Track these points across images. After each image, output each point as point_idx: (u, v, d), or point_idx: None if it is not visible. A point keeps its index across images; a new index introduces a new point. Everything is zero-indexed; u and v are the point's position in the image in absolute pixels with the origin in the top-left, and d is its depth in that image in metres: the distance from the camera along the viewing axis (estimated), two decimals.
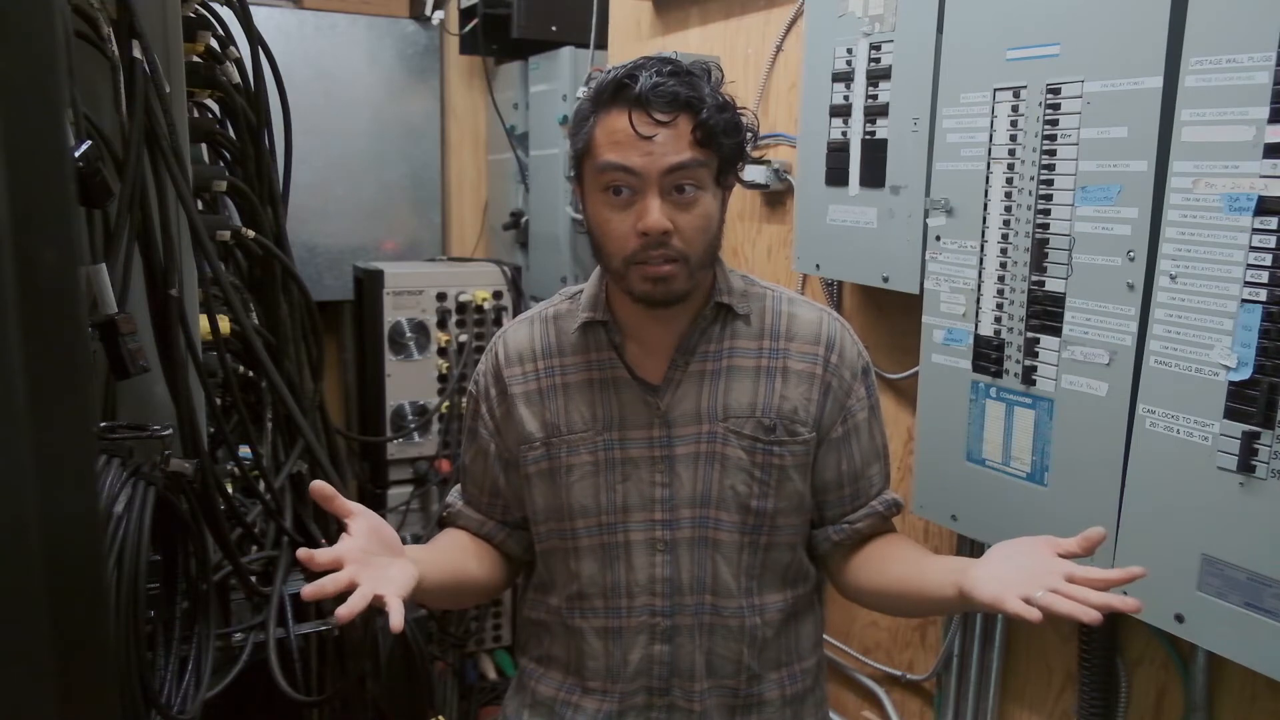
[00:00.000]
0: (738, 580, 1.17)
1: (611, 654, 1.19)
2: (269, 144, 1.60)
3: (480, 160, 3.25)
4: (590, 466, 1.17)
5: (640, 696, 1.19)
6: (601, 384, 1.18)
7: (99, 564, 0.86)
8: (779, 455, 1.16)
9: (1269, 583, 1.01)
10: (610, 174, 1.07)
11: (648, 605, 1.17)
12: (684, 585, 1.16)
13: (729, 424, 1.15)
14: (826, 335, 1.19)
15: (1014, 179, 1.28)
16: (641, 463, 1.16)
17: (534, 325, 1.24)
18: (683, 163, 1.06)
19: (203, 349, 1.31)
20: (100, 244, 1.10)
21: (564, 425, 1.18)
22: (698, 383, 1.17)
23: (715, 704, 1.19)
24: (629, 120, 1.05)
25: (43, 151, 0.63)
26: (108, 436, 1.07)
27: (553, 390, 1.19)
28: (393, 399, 2.73)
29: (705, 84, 1.09)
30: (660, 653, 1.18)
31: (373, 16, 2.99)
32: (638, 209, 1.07)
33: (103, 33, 1.08)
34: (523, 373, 1.21)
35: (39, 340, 0.62)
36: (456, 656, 2.77)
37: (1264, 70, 0.98)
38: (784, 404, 1.16)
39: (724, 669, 1.18)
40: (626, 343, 1.19)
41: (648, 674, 1.18)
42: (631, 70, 1.07)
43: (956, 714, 1.61)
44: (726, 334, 1.18)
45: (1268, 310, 1.00)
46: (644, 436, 1.16)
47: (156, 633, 1.12)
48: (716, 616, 1.17)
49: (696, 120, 1.06)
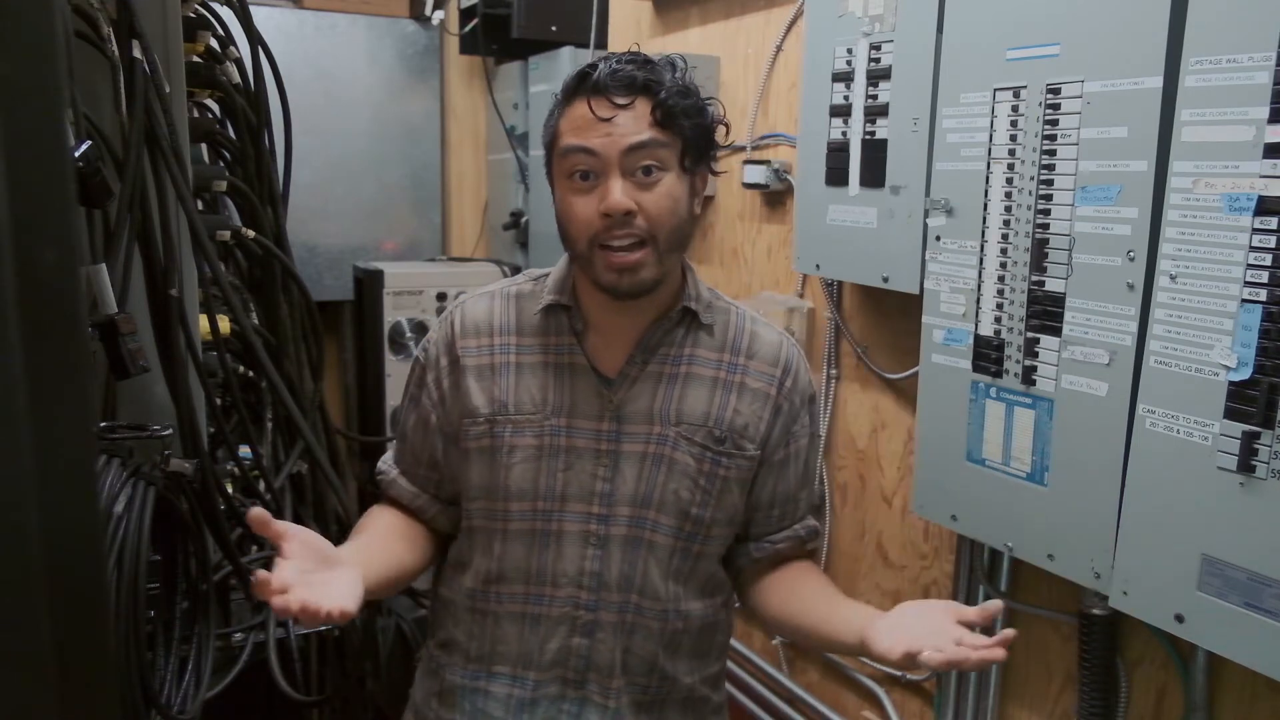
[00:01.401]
0: (665, 583, 1.17)
1: (527, 640, 1.18)
2: (269, 144, 1.60)
3: (480, 160, 3.25)
4: (534, 450, 1.16)
5: (554, 686, 1.18)
6: (557, 369, 1.18)
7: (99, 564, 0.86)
8: (725, 467, 1.16)
9: (1269, 583, 1.01)
10: (572, 157, 1.08)
11: (572, 597, 1.16)
12: (611, 581, 1.16)
13: (681, 429, 1.15)
14: (785, 359, 1.20)
15: (1014, 179, 1.28)
16: (586, 454, 1.16)
17: (494, 300, 1.23)
18: (642, 142, 1.07)
19: (203, 349, 1.31)
20: (100, 244, 1.10)
21: (511, 404, 1.17)
22: (654, 383, 1.17)
23: (628, 701, 1.19)
24: (589, 106, 1.07)
25: (43, 151, 0.63)
26: (108, 436, 1.07)
27: (505, 367, 1.18)
28: (393, 399, 2.73)
29: (668, 72, 1.10)
30: (579, 645, 1.17)
31: (373, 16, 2.99)
32: (600, 190, 1.07)
33: (103, 33, 1.08)
34: (477, 345, 1.20)
35: (39, 340, 0.62)
36: None
37: (1264, 70, 0.98)
38: (736, 418, 1.16)
39: (639, 667, 1.18)
40: (588, 332, 1.18)
41: (564, 665, 1.18)
42: (593, 62, 1.10)
43: (956, 714, 1.61)
44: (689, 340, 1.18)
45: (1268, 310, 1.00)
46: (592, 428, 1.16)
47: (156, 633, 1.12)
48: (639, 616, 1.17)
49: (655, 101, 1.07)
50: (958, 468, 1.40)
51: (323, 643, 1.49)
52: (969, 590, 1.56)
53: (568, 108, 1.10)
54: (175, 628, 1.15)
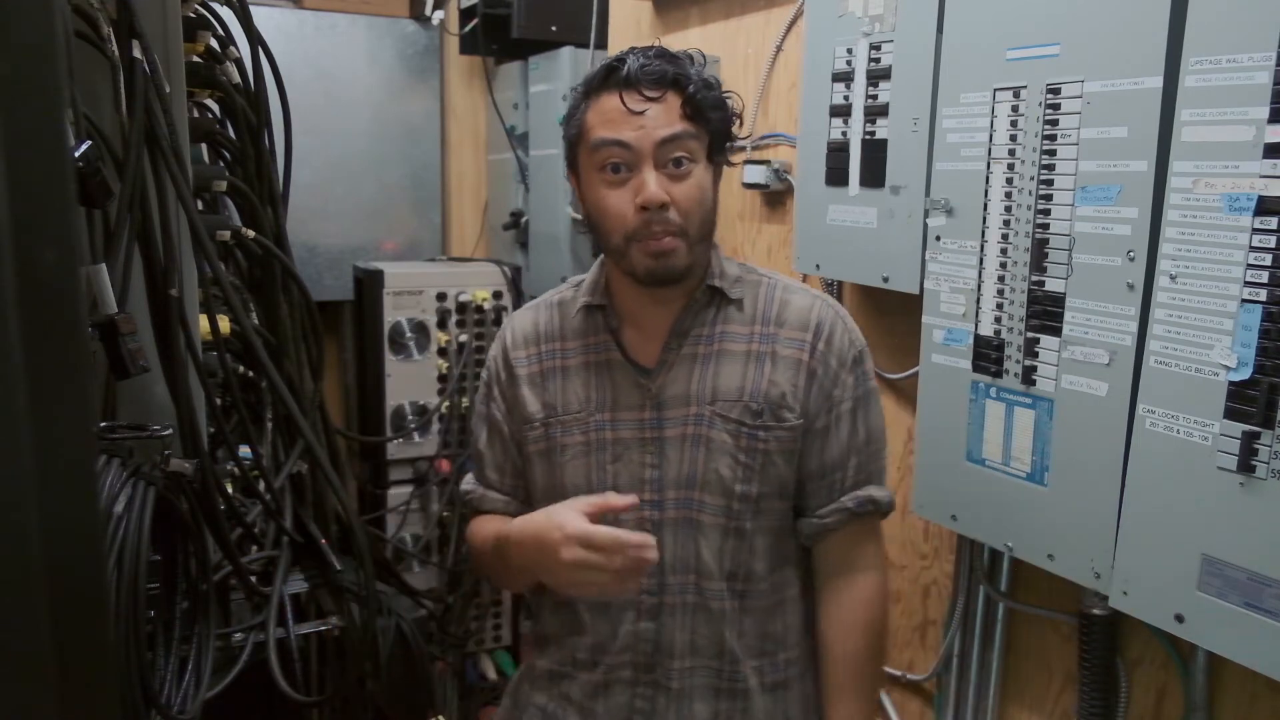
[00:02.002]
0: (719, 563, 1.18)
1: (599, 628, 1.21)
2: (269, 144, 1.59)
3: (480, 160, 3.25)
4: (582, 447, 1.20)
5: (626, 671, 1.21)
6: (597, 366, 1.21)
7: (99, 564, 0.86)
8: (764, 440, 1.17)
9: (1269, 583, 1.01)
10: (605, 150, 1.11)
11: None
12: (669, 565, 1.18)
13: (716, 407, 1.17)
14: (815, 321, 1.20)
15: (1014, 179, 1.28)
16: (632, 444, 1.19)
17: (539, 311, 1.29)
18: (675, 134, 1.10)
19: (203, 349, 1.31)
20: (100, 244, 1.10)
21: (560, 406, 1.21)
22: (689, 365, 1.19)
23: (698, 684, 1.20)
24: (620, 99, 1.10)
25: (43, 151, 0.63)
26: (108, 436, 1.07)
27: (553, 372, 1.23)
28: (393, 399, 2.73)
29: (690, 65, 1.14)
30: (646, 630, 1.19)
31: (373, 16, 2.99)
32: (634, 184, 1.10)
33: (103, 33, 1.08)
34: (527, 355, 1.25)
35: (39, 340, 0.62)
36: (456, 656, 2.77)
37: (1264, 70, 0.98)
38: (772, 389, 1.17)
39: (707, 650, 1.20)
40: (623, 327, 1.22)
41: (633, 649, 1.20)
42: (619, 56, 1.13)
43: (956, 714, 1.61)
44: (719, 318, 1.20)
45: (1268, 310, 1.00)
46: (635, 418, 1.19)
47: (156, 633, 1.12)
48: (700, 597, 1.19)
49: (685, 95, 1.11)
50: (958, 468, 1.40)
51: (323, 643, 1.49)
52: (969, 590, 1.56)
53: (595, 101, 1.13)
54: (175, 628, 1.15)
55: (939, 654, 1.62)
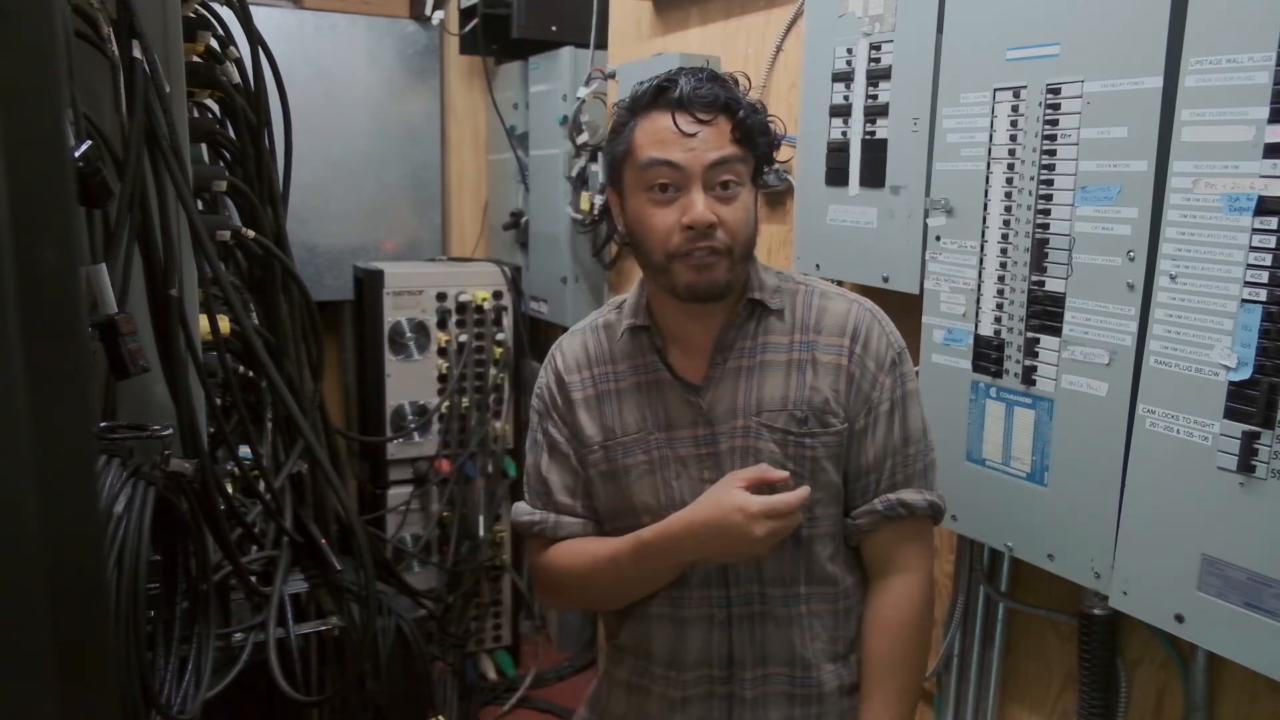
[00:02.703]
0: (781, 571, 1.20)
1: (673, 642, 1.23)
2: (269, 144, 1.59)
3: (480, 160, 3.25)
4: (646, 466, 1.21)
5: (703, 685, 1.23)
6: (648, 387, 1.23)
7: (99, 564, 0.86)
8: (811, 447, 1.18)
9: (1269, 583, 1.01)
10: (655, 170, 1.12)
11: (705, 596, 1.21)
12: (736, 576, 1.20)
13: (762, 418, 1.18)
14: (853, 326, 1.21)
15: (1014, 179, 1.28)
16: (690, 460, 1.20)
17: (586, 335, 1.30)
18: (725, 158, 1.12)
19: (203, 349, 1.31)
20: (100, 244, 1.10)
21: (619, 428, 1.23)
22: (735, 379, 1.20)
23: (773, 692, 1.22)
24: (672, 120, 1.11)
25: (43, 151, 0.63)
26: (108, 436, 1.07)
27: (608, 395, 1.24)
28: (393, 399, 2.73)
29: (738, 89, 1.16)
30: (719, 641, 1.21)
31: (373, 16, 2.99)
32: (682, 204, 1.12)
33: (103, 33, 1.08)
34: (580, 380, 1.26)
35: (39, 340, 0.62)
36: (456, 656, 2.77)
37: (1264, 70, 0.98)
38: (815, 396, 1.18)
39: (778, 658, 1.22)
40: (668, 346, 1.23)
41: (707, 662, 1.22)
42: (671, 76, 1.14)
43: (956, 714, 1.61)
44: (761, 330, 1.21)
45: (1268, 310, 1.00)
46: (689, 435, 1.20)
47: (156, 633, 1.12)
48: (766, 606, 1.20)
49: (735, 120, 1.13)
50: (958, 468, 1.40)
51: (323, 643, 1.49)
52: (969, 590, 1.56)
53: (644, 119, 1.14)
54: (175, 628, 1.15)
55: (939, 654, 1.62)
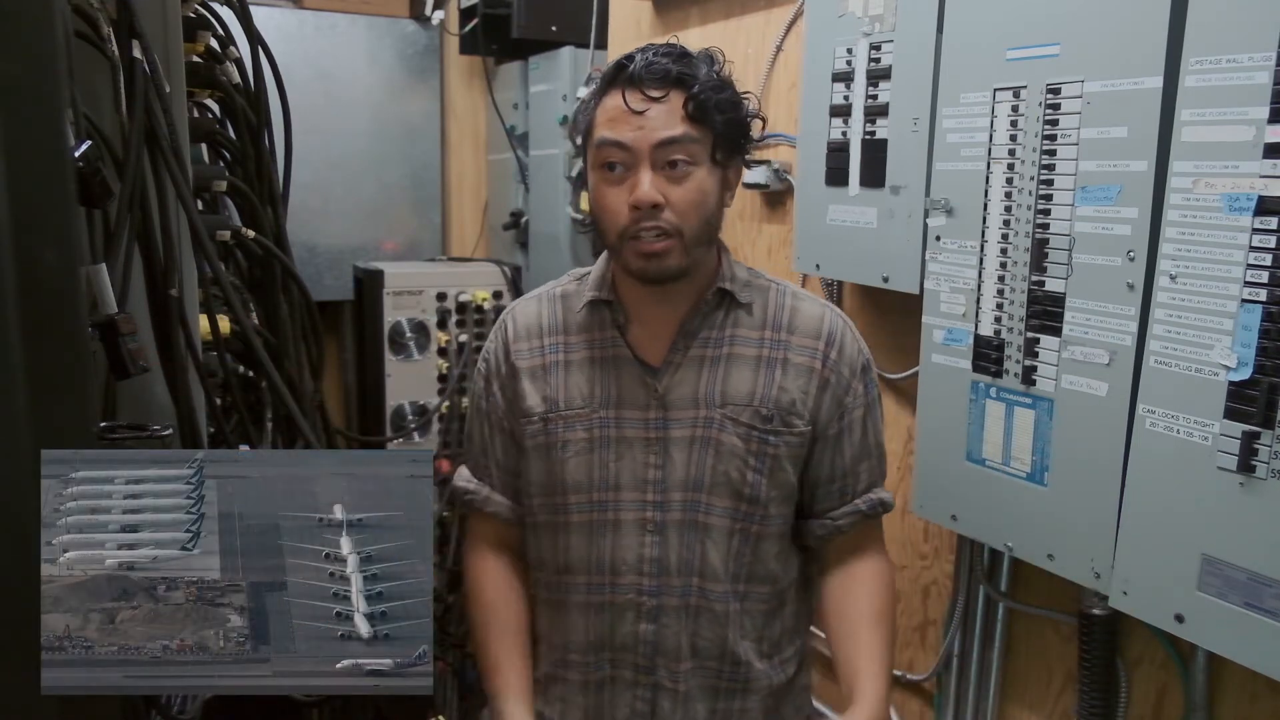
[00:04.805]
0: (726, 566, 1.18)
1: (596, 629, 1.21)
2: (269, 144, 1.60)
3: (480, 160, 3.25)
4: (585, 443, 1.18)
5: (627, 672, 1.21)
6: (603, 362, 1.20)
7: None
8: (774, 445, 1.17)
9: (1269, 583, 1.01)
10: (605, 150, 1.11)
11: (634, 584, 1.18)
12: (672, 567, 1.18)
13: (726, 410, 1.17)
14: (828, 331, 1.20)
15: (1014, 179, 1.28)
16: (636, 443, 1.18)
17: (541, 302, 1.26)
18: (674, 137, 1.09)
19: (203, 349, 1.31)
20: (100, 244, 1.10)
21: (562, 401, 1.20)
22: (697, 367, 1.18)
23: (699, 685, 1.20)
24: (623, 98, 1.09)
25: (43, 151, 0.63)
26: (108, 436, 1.07)
27: (555, 366, 1.21)
28: (393, 399, 2.73)
29: (704, 65, 1.12)
30: (645, 631, 1.19)
31: (373, 16, 2.99)
32: (630, 183, 1.10)
33: (103, 33, 1.08)
34: (529, 348, 1.23)
35: (39, 340, 0.62)
36: (456, 656, 2.77)
37: (1264, 70, 0.98)
38: (782, 395, 1.17)
39: (708, 652, 1.20)
40: (630, 324, 1.20)
41: (633, 651, 1.20)
42: (630, 54, 1.12)
43: (956, 714, 1.61)
44: (729, 321, 1.20)
45: (1268, 310, 1.00)
46: (640, 417, 1.18)
47: None
48: (703, 599, 1.18)
49: (688, 95, 1.09)
50: (957, 468, 1.40)
51: None
52: (969, 590, 1.56)
53: (603, 99, 1.12)
54: None
55: (939, 654, 1.63)
